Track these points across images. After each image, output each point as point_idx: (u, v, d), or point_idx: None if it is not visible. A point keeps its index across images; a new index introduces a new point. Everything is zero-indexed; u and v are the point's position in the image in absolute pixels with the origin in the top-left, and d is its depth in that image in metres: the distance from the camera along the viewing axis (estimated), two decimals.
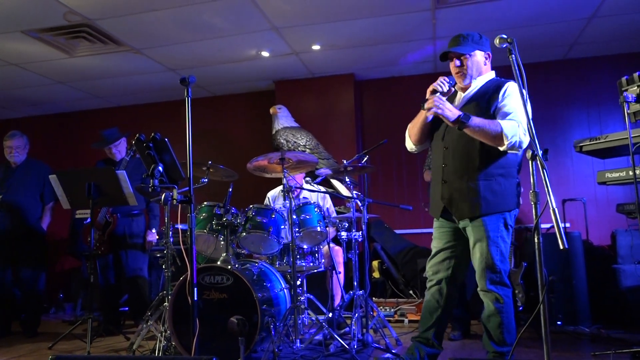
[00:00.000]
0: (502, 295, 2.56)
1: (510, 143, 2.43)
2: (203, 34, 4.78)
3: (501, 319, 2.55)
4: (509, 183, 2.60)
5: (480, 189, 2.56)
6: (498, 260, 2.55)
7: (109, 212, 4.40)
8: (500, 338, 2.56)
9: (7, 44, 4.82)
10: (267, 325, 3.16)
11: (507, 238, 2.61)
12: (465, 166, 2.60)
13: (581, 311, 4.12)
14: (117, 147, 4.55)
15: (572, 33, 5.00)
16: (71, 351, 3.91)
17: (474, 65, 2.69)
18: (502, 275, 2.57)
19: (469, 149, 2.59)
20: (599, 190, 5.39)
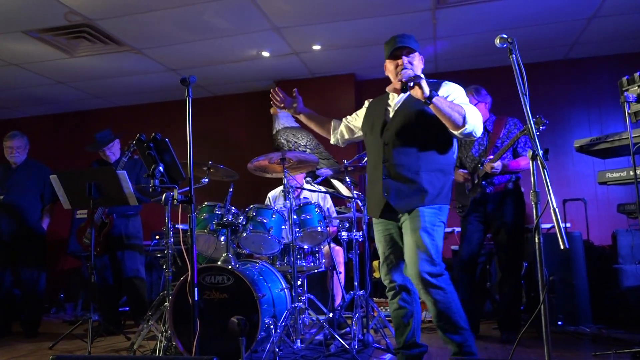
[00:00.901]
0: (445, 286, 2.52)
1: (468, 128, 2.46)
2: (204, 34, 4.78)
3: (452, 309, 2.52)
4: (446, 179, 2.65)
5: (424, 182, 2.58)
6: (433, 249, 2.53)
7: (105, 212, 4.39)
8: (457, 326, 2.53)
9: (8, 43, 4.82)
10: (267, 326, 3.16)
11: (441, 233, 2.62)
12: (407, 161, 2.61)
13: (582, 311, 4.11)
14: (111, 149, 4.54)
15: (573, 33, 5.00)
16: (72, 351, 3.91)
17: (418, 66, 2.72)
18: (439, 268, 2.54)
19: (410, 144, 2.62)
20: (600, 190, 5.39)
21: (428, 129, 2.61)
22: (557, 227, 1.91)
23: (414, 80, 2.42)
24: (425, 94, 2.40)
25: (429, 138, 2.62)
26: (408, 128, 2.63)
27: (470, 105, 2.58)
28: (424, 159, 2.60)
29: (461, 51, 5.41)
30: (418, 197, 2.57)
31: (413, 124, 2.62)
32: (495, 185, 3.77)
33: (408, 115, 2.65)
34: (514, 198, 3.77)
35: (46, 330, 4.84)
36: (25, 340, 4.47)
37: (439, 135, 2.62)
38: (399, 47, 2.67)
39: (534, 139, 2.08)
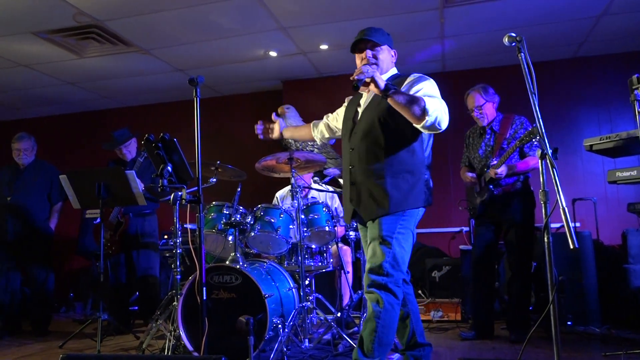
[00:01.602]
0: (384, 300, 2.36)
1: (430, 120, 2.30)
2: (211, 34, 4.79)
3: (376, 325, 2.35)
4: (416, 180, 2.50)
5: (388, 187, 2.44)
6: (387, 262, 2.38)
7: (121, 212, 4.43)
8: (369, 348, 2.36)
9: (18, 45, 4.86)
10: (275, 325, 3.16)
11: (405, 243, 2.45)
12: (371, 166, 2.50)
13: (591, 311, 4.08)
14: (128, 148, 4.57)
15: (582, 31, 4.97)
16: (81, 350, 3.94)
17: (385, 60, 2.61)
18: (389, 281, 2.38)
19: (374, 148, 2.50)
20: (610, 189, 5.35)
21: (393, 128, 2.48)
22: (566, 227, 1.90)
23: (363, 77, 2.28)
24: (380, 87, 2.28)
25: (395, 138, 2.49)
26: (372, 130, 2.51)
27: (435, 97, 2.41)
28: (389, 162, 2.47)
29: (469, 50, 5.38)
30: (382, 204, 2.45)
31: (377, 124, 2.50)
32: (503, 186, 3.75)
33: (372, 116, 2.54)
34: (522, 198, 3.75)
35: (56, 329, 4.88)
36: (35, 338, 4.50)
37: (405, 133, 2.48)
38: (361, 39, 2.57)
39: (543, 139, 2.07)
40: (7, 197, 4.67)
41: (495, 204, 3.79)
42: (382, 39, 2.59)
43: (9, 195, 4.67)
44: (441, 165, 5.78)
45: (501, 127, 3.84)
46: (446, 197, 5.77)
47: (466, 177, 3.90)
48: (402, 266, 2.44)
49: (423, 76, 2.56)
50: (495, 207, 3.80)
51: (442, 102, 2.40)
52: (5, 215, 4.65)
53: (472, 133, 4.04)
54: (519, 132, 3.74)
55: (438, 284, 4.83)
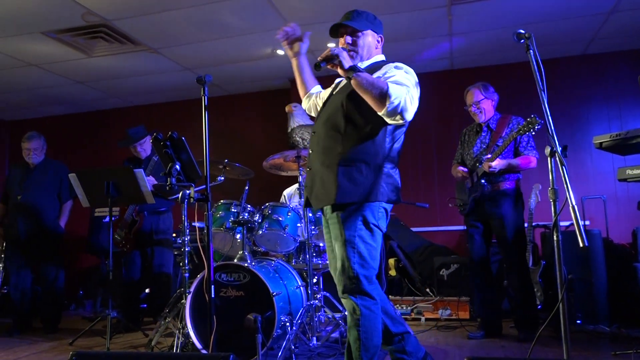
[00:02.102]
0: (360, 306, 2.26)
1: (392, 105, 2.15)
2: (219, 33, 4.80)
3: (358, 333, 2.26)
4: (374, 172, 2.31)
5: (338, 175, 2.28)
6: (355, 263, 2.27)
7: (136, 210, 4.45)
8: (357, 355, 2.26)
9: (27, 44, 4.90)
10: (283, 323, 3.17)
11: (370, 239, 2.31)
12: (326, 151, 2.36)
13: (601, 310, 4.05)
14: (142, 146, 4.58)
15: (591, 28, 4.93)
16: (91, 347, 3.97)
17: (365, 46, 2.46)
18: (361, 283, 2.27)
19: (332, 133, 2.36)
20: (620, 187, 5.31)
21: (354, 114, 2.34)
22: (576, 225, 1.89)
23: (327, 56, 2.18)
24: (344, 66, 2.17)
25: (354, 124, 2.33)
26: (334, 114, 2.39)
27: (402, 85, 2.22)
28: (345, 149, 2.31)
29: (477, 48, 5.36)
30: (329, 193, 2.30)
31: (340, 109, 2.37)
32: (496, 182, 3.77)
33: (337, 101, 2.42)
34: (513, 198, 3.76)
35: (66, 326, 4.92)
36: (45, 336, 4.54)
37: (367, 121, 2.32)
38: (338, 24, 2.47)
39: (552, 136, 2.05)
40: (18, 196, 4.71)
41: (486, 201, 3.80)
42: (363, 24, 2.46)
43: (19, 194, 4.71)
44: (449, 166, 5.75)
45: (498, 125, 3.87)
46: (454, 196, 5.74)
47: (457, 172, 3.90)
48: (371, 262, 2.32)
49: (400, 65, 2.38)
50: (486, 205, 3.81)
51: (410, 92, 2.22)
52: (16, 214, 4.70)
53: (469, 131, 4.06)
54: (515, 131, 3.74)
55: (446, 282, 4.82)
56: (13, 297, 4.71)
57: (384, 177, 2.34)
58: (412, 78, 2.34)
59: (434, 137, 5.86)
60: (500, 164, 3.67)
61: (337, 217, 2.32)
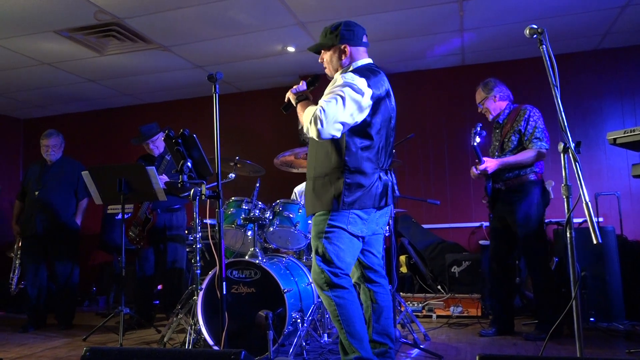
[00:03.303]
0: (332, 297, 2.41)
1: (305, 129, 2.39)
2: (230, 30, 4.81)
3: (340, 324, 2.40)
4: (335, 183, 2.43)
5: (314, 188, 2.53)
6: (320, 261, 2.44)
7: (149, 208, 4.49)
8: (348, 345, 2.39)
9: (40, 43, 4.94)
10: (294, 320, 3.18)
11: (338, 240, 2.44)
12: (311, 165, 2.61)
13: (615, 307, 4.02)
14: (155, 143, 4.61)
15: (605, 22, 4.86)
16: (104, 343, 4.01)
17: (332, 59, 2.63)
18: (329, 277, 2.41)
19: (312, 150, 2.62)
20: (634, 183, 5.25)
21: None
22: (589, 222, 1.88)
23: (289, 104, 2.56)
24: (293, 103, 2.56)
25: (318, 143, 2.52)
26: None
27: (327, 100, 2.33)
28: (314, 164, 2.57)
29: (489, 43, 5.31)
30: (313, 202, 2.54)
31: None
32: (504, 180, 3.76)
33: None
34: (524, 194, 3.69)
35: (79, 322, 4.97)
36: (59, 331, 4.60)
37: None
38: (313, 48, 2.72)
39: (565, 132, 2.03)
40: (35, 191, 4.77)
41: (500, 199, 3.81)
42: (325, 42, 2.62)
43: (36, 189, 4.78)
44: (460, 162, 5.74)
45: (507, 119, 3.84)
46: (466, 192, 5.72)
47: (472, 172, 3.87)
48: (337, 262, 2.43)
49: (340, 76, 2.43)
50: (500, 203, 3.82)
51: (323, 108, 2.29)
52: (33, 210, 4.76)
53: (492, 128, 4.03)
54: (521, 122, 3.71)
55: (458, 279, 4.80)
56: (30, 293, 4.76)
57: (345, 187, 2.42)
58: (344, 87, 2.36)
59: (446, 133, 5.83)
60: (492, 165, 3.68)
61: (313, 221, 2.56)
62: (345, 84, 2.36)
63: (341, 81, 2.39)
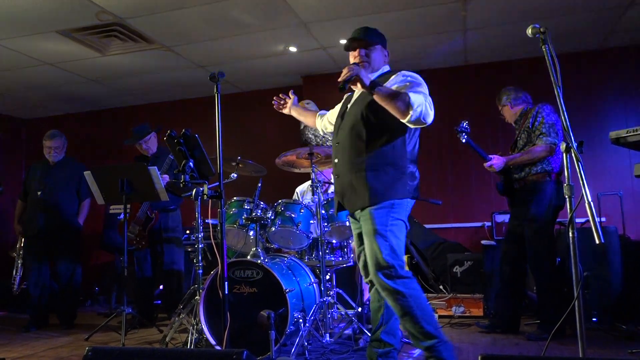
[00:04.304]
0: (403, 290, 2.44)
1: (415, 113, 2.35)
2: (232, 30, 4.81)
3: (413, 314, 2.43)
4: (397, 172, 2.54)
5: (368, 179, 2.52)
6: (387, 255, 2.45)
7: (150, 207, 4.50)
8: (423, 332, 2.43)
9: (43, 43, 4.95)
10: (296, 319, 3.18)
11: (399, 233, 2.52)
12: (353, 159, 2.59)
13: (617, 308, 4.01)
14: (147, 143, 4.62)
15: (608, 21, 4.85)
16: (106, 342, 4.01)
17: (376, 59, 2.70)
18: (397, 269, 2.45)
19: (357, 142, 2.59)
20: (637, 183, 5.24)
21: (375, 123, 2.55)
22: (592, 222, 1.87)
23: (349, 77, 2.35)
24: (365, 84, 2.37)
25: (376, 132, 2.56)
26: (356, 124, 2.60)
27: (420, 92, 2.43)
28: (371, 155, 2.54)
29: (491, 42, 5.30)
30: (363, 196, 2.52)
31: (360, 119, 2.58)
32: (516, 180, 3.79)
33: (356, 111, 2.62)
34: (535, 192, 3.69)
35: (82, 322, 4.98)
36: (61, 331, 4.60)
37: (387, 127, 2.54)
38: (354, 38, 2.68)
39: (568, 131, 2.03)
40: (38, 191, 4.78)
41: (515, 198, 3.86)
42: (374, 39, 2.70)
43: (39, 190, 4.78)
44: (462, 162, 5.73)
45: (521, 120, 3.91)
46: (467, 192, 5.71)
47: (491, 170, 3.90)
48: (400, 256, 2.51)
49: (409, 73, 2.62)
50: (515, 201, 3.86)
51: (427, 97, 2.44)
52: (36, 210, 4.76)
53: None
54: (529, 120, 3.77)
55: (459, 279, 4.79)
56: (32, 293, 4.77)
57: (408, 176, 2.56)
58: (423, 83, 2.56)
59: (447, 133, 5.81)
60: (499, 162, 3.72)
61: (369, 214, 2.51)
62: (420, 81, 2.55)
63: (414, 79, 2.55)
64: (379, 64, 2.72)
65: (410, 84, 2.51)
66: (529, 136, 3.74)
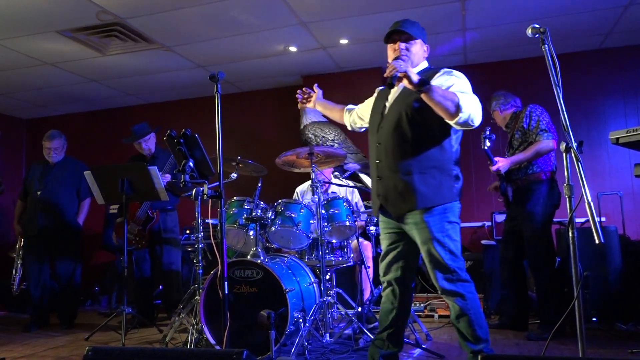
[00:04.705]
0: (464, 292, 2.44)
1: (463, 116, 2.27)
2: (232, 30, 4.81)
3: (469, 316, 2.43)
4: (444, 176, 2.47)
5: (415, 182, 2.44)
6: (448, 259, 2.43)
7: (151, 207, 4.50)
8: (475, 335, 2.44)
9: (43, 43, 4.95)
10: (296, 319, 3.18)
11: (455, 235, 2.48)
12: (398, 161, 2.49)
13: (617, 308, 4.01)
14: (147, 143, 4.63)
15: (608, 22, 4.86)
16: (107, 342, 4.01)
17: (416, 53, 2.60)
18: (459, 273, 2.44)
19: (401, 143, 2.48)
20: (637, 183, 5.24)
21: (421, 124, 2.46)
22: (591, 221, 1.87)
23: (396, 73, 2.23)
24: (414, 82, 2.24)
25: (423, 133, 2.47)
26: (400, 124, 2.49)
27: (468, 93, 2.37)
28: (417, 157, 2.46)
29: (491, 42, 5.31)
30: (410, 200, 2.45)
31: (405, 119, 2.47)
32: (514, 180, 3.82)
33: (400, 111, 2.51)
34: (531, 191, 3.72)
35: (82, 321, 4.98)
36: (62, 331, 4.60)
37: (433, 129, 2.46)
38: (394, 30, 2.58)
39: (567, 131, 2.03)
40: (38, 191, 4.77)
41: (513, 200, 3.89)
42: (416, 32, 2.59)
43: (39, 189, 4.78)
44: (463, 160, 5.72)
45: (512, 123, 3.94)
46: (467, 192, 5.71)
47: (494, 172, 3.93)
48: (460, 257, 2.49)
49: (455, 72, 2.52)
50: (513, 204, 3.89)
51: (475, 98, 2.37)
52: (36, 209, 4.76)
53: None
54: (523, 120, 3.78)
55: None
56: (32, 292, 4.77)
57: (454, 179, 2.51)
58: (468, 83, 2.48)
59: None
60: (504, 164, 3.72)
61: (422, 221, 2.45)
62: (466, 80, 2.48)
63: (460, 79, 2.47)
64: (418, 59, 2.61)
65: (457, 84, 2.42)
66: (524, 135, 3.76)
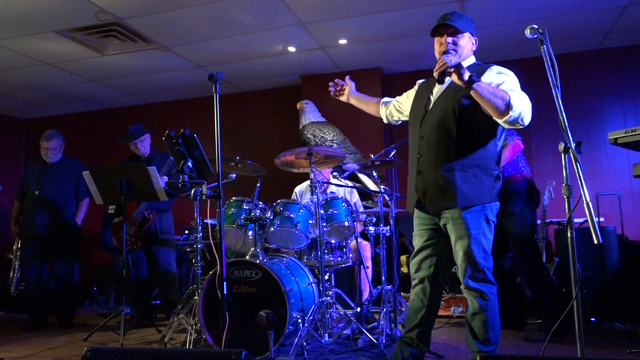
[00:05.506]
0: (487, 292, 2.45)
1: (513, 114, 2.24)
2: (231, 30, 4.81)
3: (486, 316, 2.44)
4: (486, 175, 2.45)
5: (456, 180, 2.42)
6: (480, 257, 2.44)
7: (147, 208, 4.49)
8: (485, 337, 2.45)
9: (41, 43, 4.95)
10: (295, 320, 3.18)
11: (490, 234, 2.49)
12: (440, 157, 2.46)
13: (616, 307, 4.01)
14: (142, 143, 4.64)
15: (607, 22, 4.86)
16: (105, 343, 4.01)
17: (465, 47, 2.55)
18: (486, 273, 2.46)
19: (446, 139, 2.45)
20: (635, 183, 5.25)
21: (468, 121, 2.42)
22: (590, 222, 1.87)
23: (447, 69, 2.23)
24: (464, 78, 2.21)
25: (468, 130, 2.43)
26: (445, 120, 2.45)
27: (518, 91, 2.35)
28: (461, 155, 2.43)
29: (490, 43, 5.31)
30: (450, 197, 2.42)
31: (451, 115, 2.43)
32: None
33: (446, 106, 2.47)
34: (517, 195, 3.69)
35: (80, 322, 4.97)
36: (60, 331, 4.60)
37: (480, 126, 2.43)
38: (442, 24, 2.55)
39: (566, 132, 2.03)
40: (36, 191, 4.76)
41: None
42: (464, 26, 2.54)
43: (37, 189, 4.77)
44: None
45: None
46: None
47: None
48: (490, 256, 2.50)
49: (503, 69, 2.50)
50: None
51: (526, 97, 2.34)
52: (34, 209, 4.75)
53: None
54: None
55: (458, 279, 4.78)
56: (31, 293, 4.76)
57: (495, 179, 2.49)
58: (517, 80, 2.45)
59: None
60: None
61: (460, 216, 2.45)
62: (515, 79, 2.46)
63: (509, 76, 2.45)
64: (466, 52, 2.56)
65: (507, 82, 2.39)
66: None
